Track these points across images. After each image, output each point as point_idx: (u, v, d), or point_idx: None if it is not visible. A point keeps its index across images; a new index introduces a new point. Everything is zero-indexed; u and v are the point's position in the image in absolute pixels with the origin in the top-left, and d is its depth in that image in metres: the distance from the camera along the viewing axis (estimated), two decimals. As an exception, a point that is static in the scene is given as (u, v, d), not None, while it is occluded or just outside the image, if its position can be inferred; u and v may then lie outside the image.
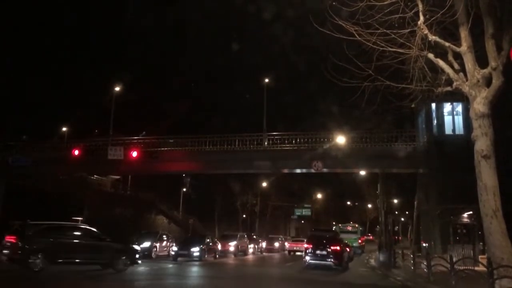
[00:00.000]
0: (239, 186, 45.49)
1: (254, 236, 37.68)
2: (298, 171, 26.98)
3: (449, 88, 11.67)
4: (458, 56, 11.38)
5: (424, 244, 22.34)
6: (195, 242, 22.66)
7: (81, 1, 58.30)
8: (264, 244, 37.70)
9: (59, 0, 56.86)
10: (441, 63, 11.42)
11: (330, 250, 18.60)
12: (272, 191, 52.96)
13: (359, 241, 37.19)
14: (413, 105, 13.34)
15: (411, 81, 11.63)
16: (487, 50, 10.73)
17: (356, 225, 41.89)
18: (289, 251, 35.68)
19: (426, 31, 10.94)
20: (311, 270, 18.15)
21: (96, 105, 36.81)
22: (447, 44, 11.27)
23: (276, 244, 39.46)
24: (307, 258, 19.09)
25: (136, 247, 15.37)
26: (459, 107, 21.39)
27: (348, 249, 21.85)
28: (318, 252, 18.81)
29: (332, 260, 18.38)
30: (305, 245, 20.08)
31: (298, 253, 31.38)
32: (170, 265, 18.86)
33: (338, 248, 18.85)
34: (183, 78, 65.95)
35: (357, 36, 11.06)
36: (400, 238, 58.45)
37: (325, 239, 19.42)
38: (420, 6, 10.87)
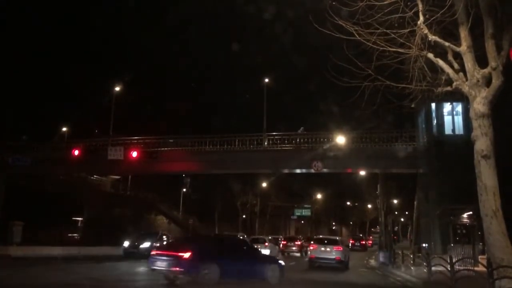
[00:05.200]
0: (239, 186, 45.45)
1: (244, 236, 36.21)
2: (298, 171, 26.97)
3: (449, 88, 11.65)
4: (458, 56, 11.36)
5: (424, 245, 22.31)
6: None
7: (81, 1, 58.35)
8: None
9: (60, 0, 56.91)
10: (441, 63, 11.41)
11: (360, 243, 45.86)
12: (272, 191, 52.90)
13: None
14: (413, 105, 13.31)
15: (411, 81, 11.61)
16: (487, 50, 10.70)
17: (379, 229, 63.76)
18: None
19: (426, 31, 10.92)
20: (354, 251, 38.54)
21: (96, 105, 36.74)
22: (447, 44, 11.25)
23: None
24: (351, 246, 41.30)
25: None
26: (459, 107, 21.37)
27: (369, 243, 50.25)
28: (356, 244, 44.89)
29: (361, 247, 44.04)
30: (351, 241, 45.83)
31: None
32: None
33: (363, 242, 46.61)
34: (183, 78, 65.98)
35: (357, 36, 11.04)
36: (398, 237, 60.17)
37: (358, 238, 48.81)
38: (420, 6, 10.85)
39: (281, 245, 35.27)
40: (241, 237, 27.39)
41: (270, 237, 32.20)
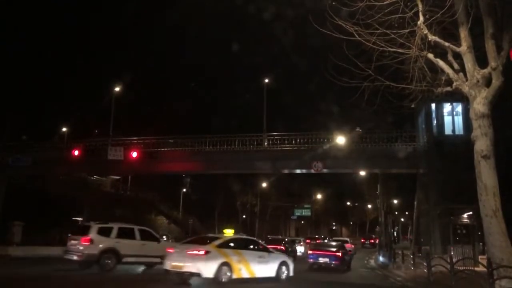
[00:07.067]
0: (239, 186, 45.47)
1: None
2: (298, 171, 26.96)
3: (449, 88, 11.65)
4: (458, 56, 11.36)
5: (424, 247, 22.29)
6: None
7: (81, 1, 58.36)
8: None
9: (60, 0, 56.95)
10: (441, 63, 11.40)
11: (370, 241, 52.16)
12: (272, 191, 52.93)
13: None
14: (413, 105, 13.29)
15: (411, 81, 11.60)
16: (487, 50, 10.71)
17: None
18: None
19: (426, 31, 10.92)
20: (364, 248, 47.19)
21: (96, 105, 36.85)
22: (447, 44, 11.24)
23: None
24: (362, 244, 52.62)
25: None
26: (459, 107, 21.39)
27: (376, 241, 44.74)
28: (366, 242, 53.65)
29: (370, 245, 47.95)
30: (362, 240, 56.08)
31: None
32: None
33: (372, 241, 49.13)
34: (183, 78, 66.02)
35: (357, 36, 11.03)
36: (408, 236, 60.52)
37: (368, 238, 56.27)
38: (420, 6, 10.85)
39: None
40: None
41: (302, 238, 37.69)
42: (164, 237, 25.70)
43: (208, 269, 11.03)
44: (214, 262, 11.17)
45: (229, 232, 15.11)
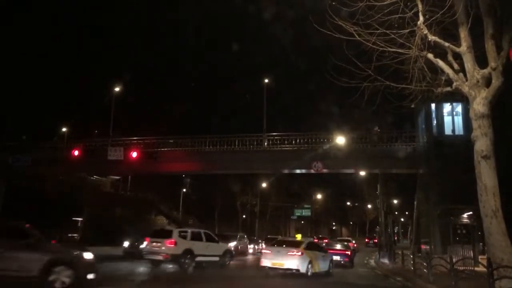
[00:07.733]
0: (239, 186, 45.44)
1: (254, 237, 37.51)
2: (298, 171, 26.90)
3: (448, 89, 11.65)
4: (457, 56, 11.37)
5: (424, 247, 22.30)
6: None
7: (81, 1, 58.36)
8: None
9: (60, 0, 56.96)
10: (440, 63, 11.40)
11: (374, 241, 47.61)
12: (272, 191, 52.92)
13: None
14: (413, 106, 13.29)
15: (410, 81, 11.60)
16: (487, 50, 10.71)
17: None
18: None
19: (425, 31, 10.92)
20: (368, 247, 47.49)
21: (96, 105, 36.88)
22: (446, 44, 11.25)
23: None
24: (366, 243, 54.29)
25: None
26: (458, 108, 21.38)
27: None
28: (370, 242, 52.95)
29: (374, 244, 44.86)
30: (366, 240, 57.51)
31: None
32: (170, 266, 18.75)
33: (376, 241, 44.11)
34: (183, 78, 66.07)
35: (357, 36, 11.04)
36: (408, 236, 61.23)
37: (372, 237, 54.94)
38: (420, 6, 10.85)
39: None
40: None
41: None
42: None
43: (303, 266, 14.65)
44: (306, 260, 14.83)
45: (299, 236, 18.30)
